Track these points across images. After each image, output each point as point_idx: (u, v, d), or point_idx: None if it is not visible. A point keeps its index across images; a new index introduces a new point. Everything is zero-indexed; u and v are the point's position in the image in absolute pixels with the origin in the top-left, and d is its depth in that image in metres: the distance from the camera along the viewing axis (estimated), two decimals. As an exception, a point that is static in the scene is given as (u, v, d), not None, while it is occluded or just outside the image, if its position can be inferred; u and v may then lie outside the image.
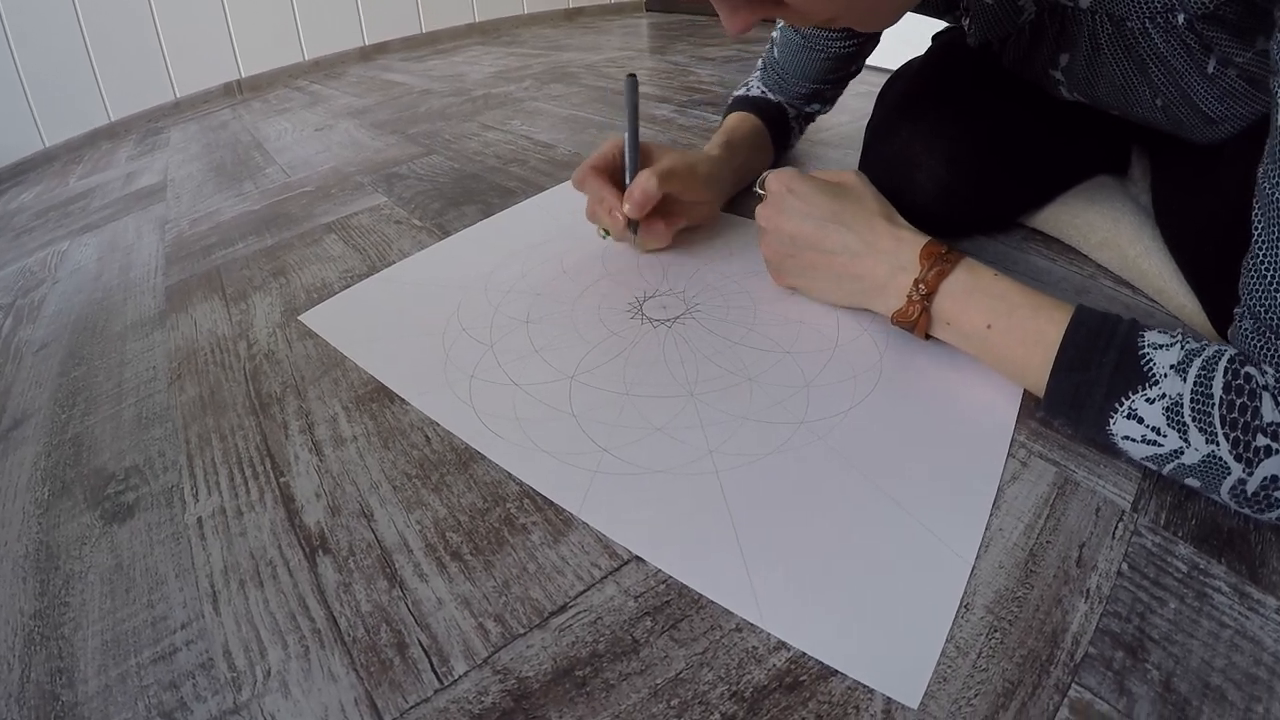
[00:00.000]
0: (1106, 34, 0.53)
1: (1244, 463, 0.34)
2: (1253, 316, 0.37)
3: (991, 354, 0.46)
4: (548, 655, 0.34)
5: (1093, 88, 0.59)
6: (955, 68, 0.74)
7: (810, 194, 0.54)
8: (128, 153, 1.38)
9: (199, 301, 0.73)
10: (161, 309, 0.73)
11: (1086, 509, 0.38)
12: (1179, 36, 0.48)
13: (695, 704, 0.31)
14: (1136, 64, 0.53)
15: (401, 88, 1.64)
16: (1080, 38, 0.56)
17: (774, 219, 0.56)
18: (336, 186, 1.02)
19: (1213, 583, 0.34)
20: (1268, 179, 0.36)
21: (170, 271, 0.81)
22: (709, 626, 0.34)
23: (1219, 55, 0.47)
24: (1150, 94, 0.54)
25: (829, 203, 0.53)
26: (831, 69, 0.75)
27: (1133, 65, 0.53)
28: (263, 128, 1.38)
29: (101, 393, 0.59)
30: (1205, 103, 0.51)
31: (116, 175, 1.23)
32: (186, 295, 0.75)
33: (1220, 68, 0.48)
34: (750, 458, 0.45)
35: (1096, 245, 0.69)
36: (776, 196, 0.56)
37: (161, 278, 0.80)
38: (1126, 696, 0.29)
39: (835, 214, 0.53)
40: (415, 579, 0.38)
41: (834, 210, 0.53)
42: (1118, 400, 0.37)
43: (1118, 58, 0.54)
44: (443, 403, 0.52)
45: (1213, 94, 0.50)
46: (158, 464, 0.50)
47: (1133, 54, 0.52)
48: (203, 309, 0.71)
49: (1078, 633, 0.32)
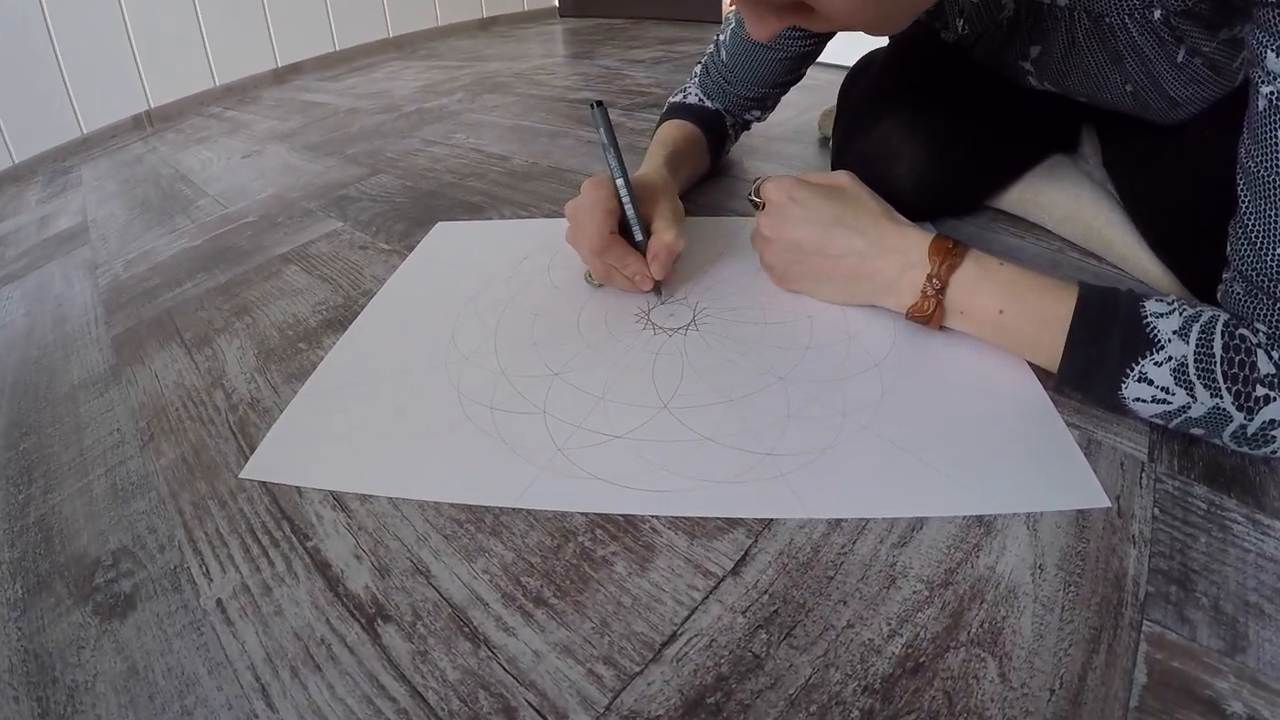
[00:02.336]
0: (1083, 29, 0.55)
1: (1245, 411, 0.37)
2: (1244, 280, 0.39)
3: (1004, 337, 0.47)
4: (672, 689, 0.31)
5: (1064, 78, 0.61)
6: (920, 61, 0.74)
7: (811, 200, 0.53)
8: (36, 195, 1.22)
9: (154, 351, 0.64)
10: (111, 363, 0.64)
11: (1113, 465, 0.41)
12: (1154, 30, 0.50)
13: (833, 706, 0.30)
14: (1111, 56, 0.55)
15: (325, 108, 1.54)
16: (1056, 32, 0.57)
17: (778, 228, 0.55)
18: (282, 214, 0.93)
19: (1229, 515, 0.38)
20: (1250, 156, 0.38)
21: (113, 320, 0.71)
22: (823, 628, 0.33)
23: (1188, 45, 0.49)
24: (1121, 82, 0.56)
25: (832, 207, 0.53)
26: (786, 70, 0.73)
27: (1107, 57, 0.55)
28: (183, 159, 1.25)
29: (62, 465, 0.51)
30: (1173, 88, 0.53)
31: (28, 220, 1.09)
32: (138, 345, 0.66)
33: (1189, 56, 0.50)
34: (808, 456, 0.43)
35: (1060, 221, 0.71)
36: (778, 206, 0.55)
37: (104, 328, 0.70)
38: (1188, 624, 0.32)
39: (839, 217, 0.52)
40: (500, 634, 0.33)
41: (837, 214, 0.53)
42: (1128, 367, 0.40)
43: (1093, 50, 0.56)
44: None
45: (1180, 80, 0.52)
46: (150, 542, 0.42)
47: (1108, 47, 0.54)
48: (161, 359, 0.63)
49: (1135, 575, 0.35)
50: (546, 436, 0.45)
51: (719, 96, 0.77)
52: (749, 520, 0.39)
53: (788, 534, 0.38)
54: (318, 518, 0.42)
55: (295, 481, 0.45)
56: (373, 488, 0.43)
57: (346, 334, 0.61)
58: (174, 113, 1.61)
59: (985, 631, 0.32)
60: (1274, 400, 0.36)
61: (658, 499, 0.40)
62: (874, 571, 0.36)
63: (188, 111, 1.63)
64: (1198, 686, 0.30)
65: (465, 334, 0.58)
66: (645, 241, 0.58)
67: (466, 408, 0.49)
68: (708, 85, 0.77)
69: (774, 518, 0.39)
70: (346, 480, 0.44)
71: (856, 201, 0.53)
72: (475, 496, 0.42)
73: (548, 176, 0.96)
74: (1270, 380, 0.36)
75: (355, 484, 0.44)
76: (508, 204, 0.87)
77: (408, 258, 0.73)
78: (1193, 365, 0.38)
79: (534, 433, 0.46)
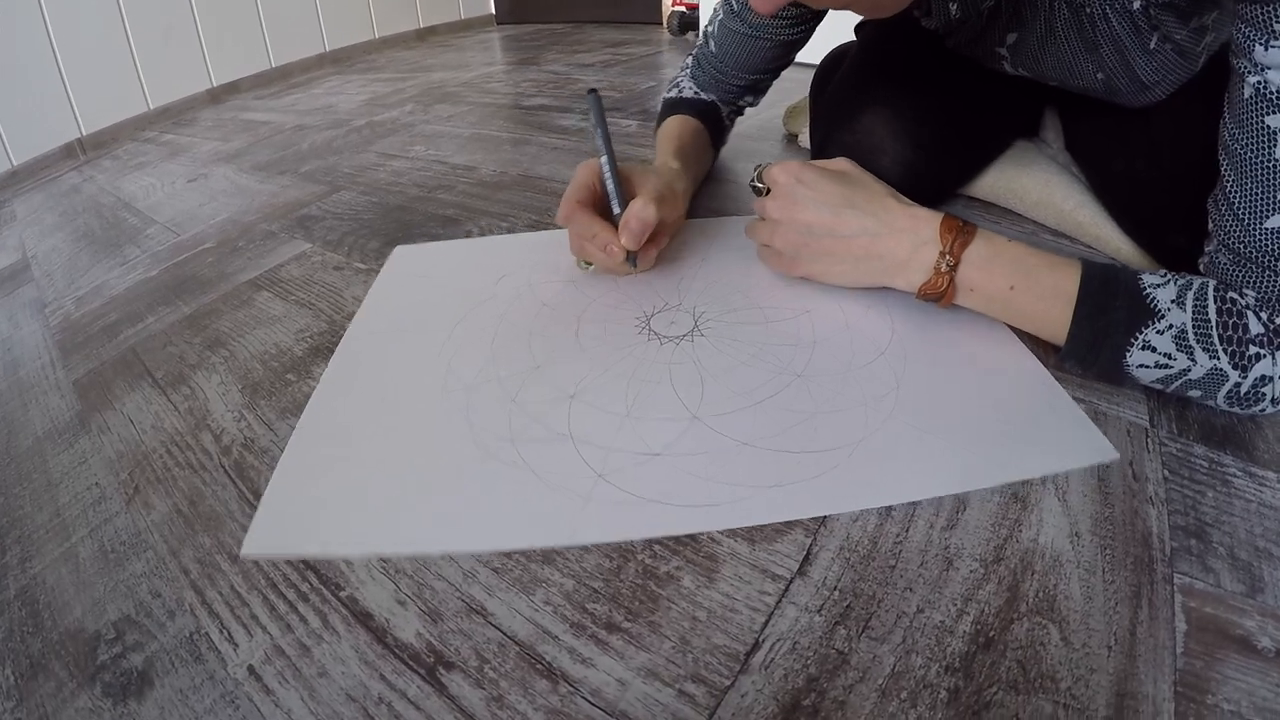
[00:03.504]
0: (1062, 18, 0.56)
1: (1240, 369, 0.40)
2: (1230, 251, 0.42)
3: (1013, 312, 0.48)
4: (766, 696, 0.30)
5: (1039, 64, 0.62)
6: (898, 50, 0.74)
7: (819, 182, 0.53)
8: (-37, 236, 1.12)
9: (123, 393, 0.58)
10: (77, 409, 0.58)
11: (1120, 432, 0.44)
12: (1131, 18, 0.51)
13: (922, 690, 0.30)
14: (1087, 44, 0.56)
15: (269, 126, 1.46)
16: (1035, 21, 0.59)
17: (788, 210, 0.54)
18: (241, 238, 0.87)
19: (1229, 471, 0.41)
20: (1234, 139, 0.41)
21: (71, 362, 0.65)
22: (896, 615, 0.33)
23: (1161, 32, 0.51)
24: (1094, 68, 0.57)
25: (840, 189, 0.52)
26: (775, 56, 0.73)
27: (1083, 45, 0.56)
28: (124, 186, 1.16)
29: (37, 528, 0.46)
30: (1144, 73, 0.55)
31: (-41, 260, 1.00)
32: (104, 388, 0.60)
33: (1160, 43, 0.52)
34: (845, 450, 0.43)
35: (1033, 205, 0.73)
36: (786, 188, 0.54)
37: (63, 371, 0.64)
38: (1211, 573, 0.35)
39: (848, 199, 0.52)
40: (578, 666, 0.31)
41: (846, 195, 0.52)
42: (1133, 335, 0.42)
43: (1070, 39, 0.57)
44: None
45: (1151, 65, 0.54)
46: (156, 609, 0.38)
47: (1085, 35, 0.55)
48: (133, 401, 0.57)
49: (1159, 533, 0.37)
50: (581, 464, 0.43)
51: (713, 87, 0.76)
52: (804, 519, 0.38)
53: (843, 528, 0.38)
54: (347, 564, 0.38)
55: (310, 553, 0.39)
56: (405, 547, 0.38)
57: (326, 374, 0.55)
58: (108, 139, 1.50)
59: (1042, 600, 0.33)
60: (1264, 357, 0.40)
61: (719, 513, 0.38)
62: (930, 556, 0.36)
63: (122, 137, 1.52)
64: (1230, 627, 0.32)
65: (462, 361, 0.54)
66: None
67: (486, 443, 0.45)
68: (700, 77, 0.76)
69: (832, 514, 0.38)
70: (372, 542, 0.39)
71: (863, 183, 0.53)
72: (524, 540, 0.38)
73: (520, 185, 0.92)
74: (1260, 339, 0.40)
75: (384, 545, 0.39)
76: (484, 215, 0.83)
77: (371, 286, 0.68)
78: (1192, 331, 0.41)
79: (566, 461, 0.43)
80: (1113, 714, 0.29)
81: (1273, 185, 0.39)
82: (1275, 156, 0.39)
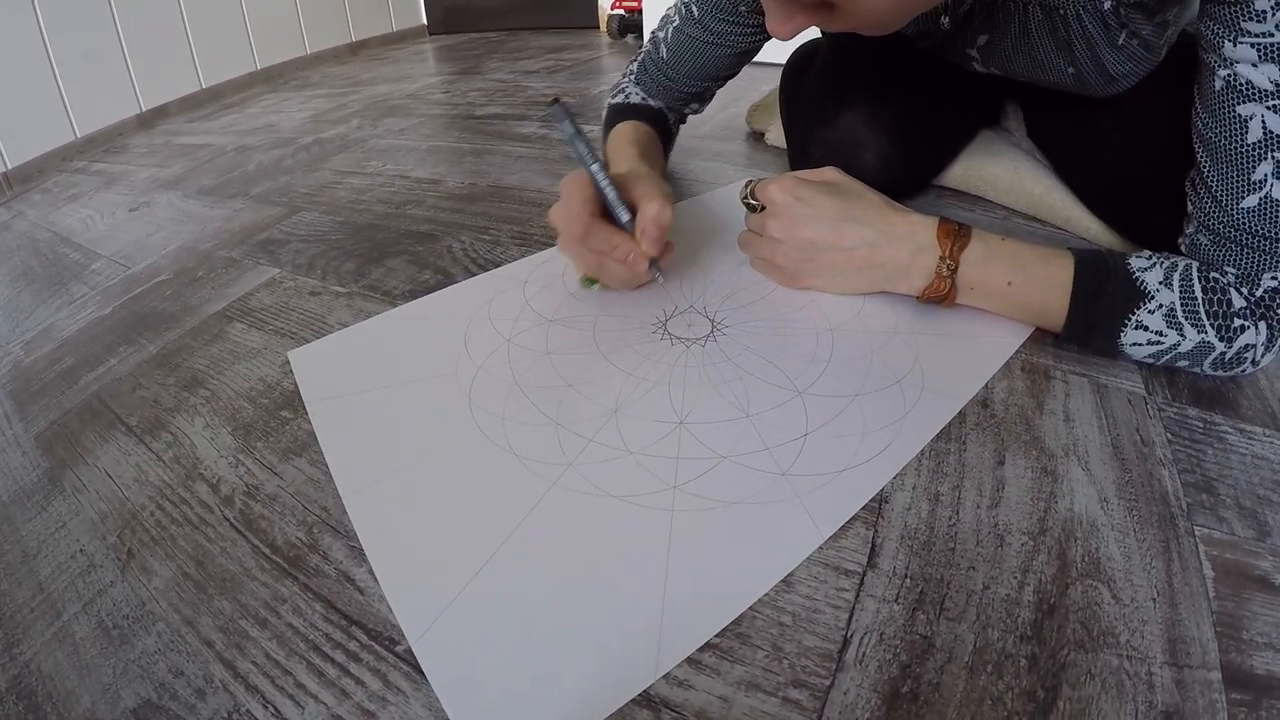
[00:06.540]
0: (1036, 20, 0.57)
1: (1225, 341, 0.43)
2: (1209, 232, 0.44)
3: (1013, 305, 0.49)
4: (867, 689, 0.30)
5: (1010, 63, 0.62)
6: (871, 47, 0.73)
7: (816, 198, 0.52)
8: (-121, 283, 0.99)
9: (95, 445, 0.52)
10: (44, 467, 0.51)
11: (1122, 402, 0.45)
12: (1102, 18, 0.52)
13: (1005, 661, 0.31)
14: (1060, 44, 0.57)
15: (208, 149, 1.35)
16: (1008, 24, 0.59)
17: (788, 229, 0.53)
18: (200, 268, 0.79)
19: (1221, 429, 0.43)
20: (1208, 127, 0.42)
21: (29, 415, 0.57)
22: (966, 595, 0.34)
23: (1129, 29, 0.52)
24: (1065, 65, 0.58)
25: (838, 202, 0.52)
26: (731, 64, 0.71)
27: (1055, 45, 0.57)
28: (59, 220, 1.05)
29: (19, 608, 0.39)
30: (1113, 67, 0.56)
31: (-125, 313, 0.88)
32: (71, 441, 0.53)
33: (1128, 39, 0.53)
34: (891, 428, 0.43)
35: (1003, 192, 0.74)
36: (784, 206, 0.53)
37: (20, 425, 0.56)
38: (1224, 522, 0.37)
39: (845, 211, 0.51)
40: (676, 690, 0.29)
41: (843, 208, 0.51)
42: (1127, 317, 0.44)
43: (1043, 39, 0.57)
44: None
45: (1119, 60, 0.55)
46: (181, 689, 0.33)
47: (1058, 35, 0.56)
48: (108, 454, 0.50)
49: (1174, 491, 0.39)
50: (651, 477, 0.40)
51: (660, 94, 0.73)
52: (863, 513, 0.38)
53: (899, 518, 0.38)
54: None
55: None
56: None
57: (326, 451, 0.46)
58: (33, 171, 1.36)
59: (1089, 564, 0.35)
60: (1247, 328, 0.42)
61: (800, 504, 0.38)
62: (984, 535, 0.37)
63: (49, 169, 1.38)
64: (1249, 570, 0.34)
65: (486, 396, 0.48)
66: (632, 222, 0.53)
67: (542, 473, 0.41)
68: (647, 83, 0.73)
69: (890, 491, 0.37)
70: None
71: (857, 193, 0.52)
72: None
73: (493, 197, 0.88)
74: (1243, 312, 0.42)
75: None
76: (463, 229, 0.78)
77: (313, 419, 0.49)
78: (1180, 309, 0.43)
79: (634, 478, 0.40)
80: (1169, 659, 0.30)
81: (1247, 169, 0.41)
82: (1248, 142, 0.40)
